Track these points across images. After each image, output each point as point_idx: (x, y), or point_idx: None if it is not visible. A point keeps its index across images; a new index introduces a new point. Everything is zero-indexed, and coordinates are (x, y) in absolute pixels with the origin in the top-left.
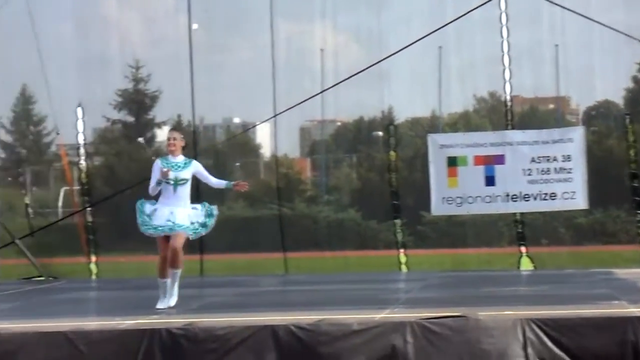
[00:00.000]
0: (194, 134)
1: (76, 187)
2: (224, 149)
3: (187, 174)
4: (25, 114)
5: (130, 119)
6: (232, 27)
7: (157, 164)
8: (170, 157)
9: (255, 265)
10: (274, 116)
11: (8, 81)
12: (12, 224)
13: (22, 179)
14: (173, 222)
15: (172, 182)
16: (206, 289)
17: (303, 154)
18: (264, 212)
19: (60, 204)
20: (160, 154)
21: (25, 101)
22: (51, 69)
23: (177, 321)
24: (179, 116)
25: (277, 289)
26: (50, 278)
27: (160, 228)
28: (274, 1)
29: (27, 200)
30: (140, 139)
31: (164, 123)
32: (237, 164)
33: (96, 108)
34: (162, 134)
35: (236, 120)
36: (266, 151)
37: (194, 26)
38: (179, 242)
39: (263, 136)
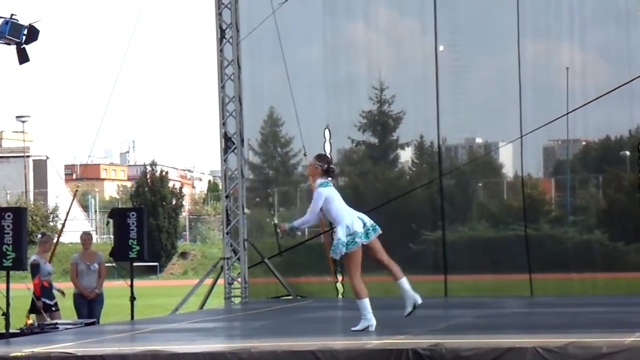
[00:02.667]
0: (439, 155)
1: None
2: (467, 169)
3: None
4: (273, 136)
5: (374, 140)
6: (478, 47)
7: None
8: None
9: (500, 287)
10: (521, 136)
11: (257, 104)
12: (261, 243)
13: (270, 199)
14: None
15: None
16: (451, 310)
17: (547, 174)
18: (507, 233)
19: None
20: (403, 175)
21: (273, 123)
22: (299, 91)
23: (424, 342)
24: (421, 137)
25: (522, 310)
26: (298, 297)
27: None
28: (520, 20)
29: (275, 220)
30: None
31: (407, 144)
32: (480, 184)
33: (341, 129)
34: (405, 155)
35: (478, 140)
36: (509, 171)
37: (440, 47)
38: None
39: (506, 156)
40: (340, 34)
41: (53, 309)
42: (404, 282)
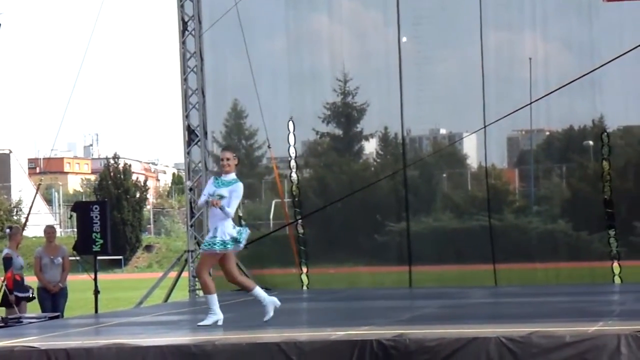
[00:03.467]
0: (403, 146)
1: (287, 199)
2: (431, 160)
3: (224, 191)
4: (237, 128)
5: (339, 131)
6: (441, 38)
7: (210, 182)
8: (223, 175)
9: (464, 277)
10: (484, 127)
11: (220, 96)
12: None
13: None
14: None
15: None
16: (416, 301)
17: (511, 165)
18: (472, 223)
19: (271, 216)
20: (367, 166)
21: (237, 115)
22: (262, 83)
23: (388, 332)
24: (385, 128)
25: (487, 300)
26: (263, 289)
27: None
28: (483, 11)
29: (240, 212)
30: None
31: (372, 136)
32: (444, 175)
33: (306, 121)
34: (369, 147)
35: (442, 131)
36: (473, 162)
37: (403, 39)
38: (198, 264)
39: (470, 147)
40: (304, 26)
41: (25, 301)
42: (258, 291)
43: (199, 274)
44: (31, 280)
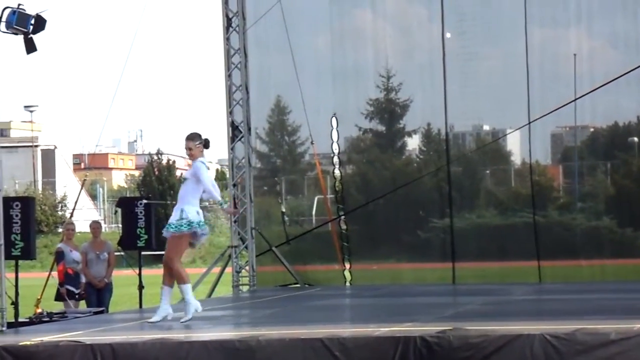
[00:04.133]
0: (447, 143)
1: (330, 196)
2: (474, 156)
3: (187, 174)
4: (280, 124)
5: (381, 128)
6: (486, 34)
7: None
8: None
9: (508, 274)
10: (529, 123)
11: (264, 93)
12: (269, 232)
13: (277, 187)
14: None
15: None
16: (459, 297)
17: (555, 161)
18: (515, 220)
19: (314, 212)
20: (410, 162)
21: (280, 112)
22: (306, 80)
23: (432, 329)
24: (428, 124)
25: (531, 297)
26: (306, 285)
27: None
28: (528, 8)
29: (283, 208)
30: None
31: (415, 132)
32: (487, 171)
33: (349, 117)
34: (412, 143)
35: (486, 127)
36: (516, 158)
37: (447, 35)
38: (168, 252)
39: (513, 143)
40: (348, 22)
41: (77, 297)
42: (188, 288)
43: (171, 262)
44: None
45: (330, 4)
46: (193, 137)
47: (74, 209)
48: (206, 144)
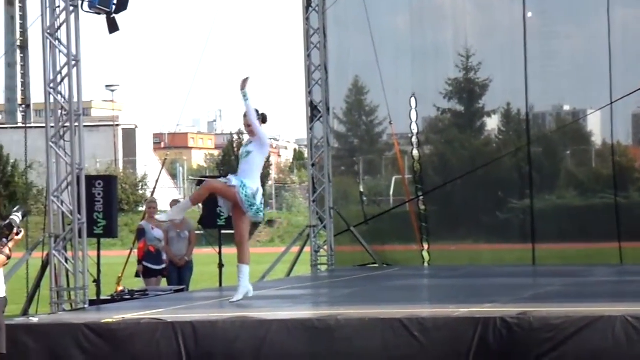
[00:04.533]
0: (527, 123)
1: (408, 176)
2: (555, 137)
3: (253, 146)
4: (357, 104)
5: (460, 108)
6: (568, 13)
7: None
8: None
9: (589, 255)
10: (611, 103)
11: (342, 73)
12: (347, 211)
13: (355, 167)
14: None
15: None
16: (539, 278)
17: (636, 142)
18: (596, 201)
19: (391, 192)
20: (489, 142)
21: (358, 92)
22: (384, 59)
23: (511, 310)
24: (508, 104)
25: (612, 279)
26: (384, 265)
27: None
28: None
29: (361, 188)
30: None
31: (494, 112)
32: (568, 152)
33: (427, 97)
34: (491, 123)
35: (566, 107)
36: (597, 139)
37: (529, 14)
38: (244, 230)
39: (595, 123)
40: (427, 1)
41: (159, 274)
42: (246, 270)
43: (246, 240)
44: None
45: None
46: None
47: (154, 188)
48: (264, 119)
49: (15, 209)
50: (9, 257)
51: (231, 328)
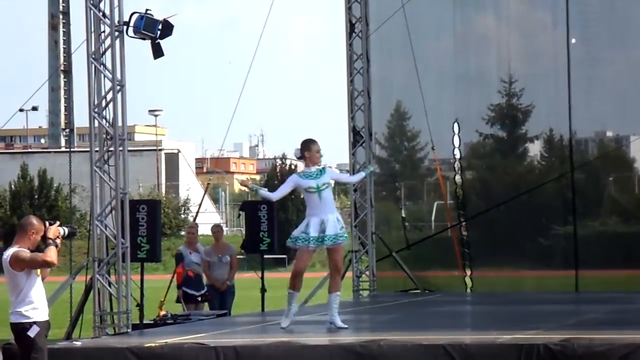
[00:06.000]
0: (570, 149)
1: (450, 201)
2: (597, 163)
3: (325, 178)
4: (399, 129)
5: (502, 133)
6: (611, 40)
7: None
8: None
9: (633, 282)
10: None
11: (384, 98)
12: (389, 237)
13: (397, 193)
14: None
15: (314, 190)
16: (582, 305)
17: None
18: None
19: (433, 217)
20: (532, 168)
21: (400, 117)
22: (427, 85)
23: (555, 337)
24: (550, 130)
25: None
26: (426, 291)
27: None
28: None
29: (403, 213)
30: None
31: (537, 137)
32: (611, 178)
33: (470, 123)
34: (533, 149)
35: (609, 133)
36: None
37: (572, 40)
38: (338, 261)
39: (638, 150)
40: (470, 27)
41: (199, 299)
42: (335, 298)
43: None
44: None
45: (454, 8)
46: (316, 142)
47: (197, 212)
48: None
49: (67, 224)
50: (57, 247)
51: (274, 352)
